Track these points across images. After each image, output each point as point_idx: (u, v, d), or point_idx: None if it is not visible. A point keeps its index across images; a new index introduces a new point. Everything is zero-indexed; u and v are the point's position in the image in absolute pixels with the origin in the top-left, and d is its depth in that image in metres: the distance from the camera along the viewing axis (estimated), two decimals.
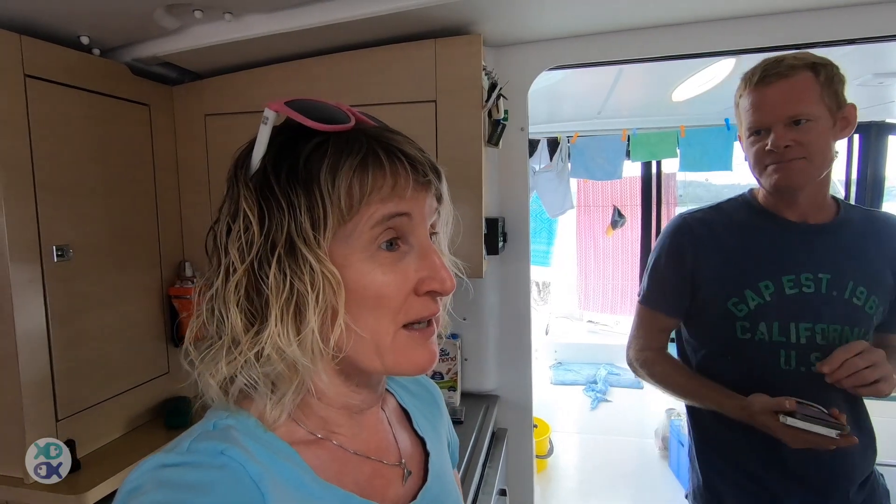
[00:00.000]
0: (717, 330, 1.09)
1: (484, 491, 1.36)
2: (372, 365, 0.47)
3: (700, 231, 1.13)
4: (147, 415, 1.47)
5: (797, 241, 1.05)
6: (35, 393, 1.15)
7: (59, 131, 1.20)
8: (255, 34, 1.29)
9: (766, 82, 0.97)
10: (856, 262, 1.03)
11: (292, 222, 0.43)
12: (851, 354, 0.89)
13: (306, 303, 0.43)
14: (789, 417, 0.88)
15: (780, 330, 1.02)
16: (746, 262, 1.06)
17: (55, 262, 1.18)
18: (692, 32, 1.44)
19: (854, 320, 1.01)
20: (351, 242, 0.45)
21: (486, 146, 1.43)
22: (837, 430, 0.85)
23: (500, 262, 1.71)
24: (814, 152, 0.97)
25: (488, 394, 1.77)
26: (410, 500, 0.54)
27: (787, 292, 1.02)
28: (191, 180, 1.54)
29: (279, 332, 0.43)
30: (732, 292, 1.05)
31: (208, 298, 0.46)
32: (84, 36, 1.26)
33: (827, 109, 0.97)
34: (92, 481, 1.17)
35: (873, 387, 0.88)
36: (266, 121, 0.46)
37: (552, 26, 1.48)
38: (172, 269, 1.54)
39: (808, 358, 1.01)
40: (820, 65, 0.97)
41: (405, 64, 1.37)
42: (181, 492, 0.38)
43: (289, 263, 0.43)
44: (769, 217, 1.09)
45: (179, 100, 1.53)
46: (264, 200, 0.44)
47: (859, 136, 3.26)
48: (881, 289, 1.03)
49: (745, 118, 1.03)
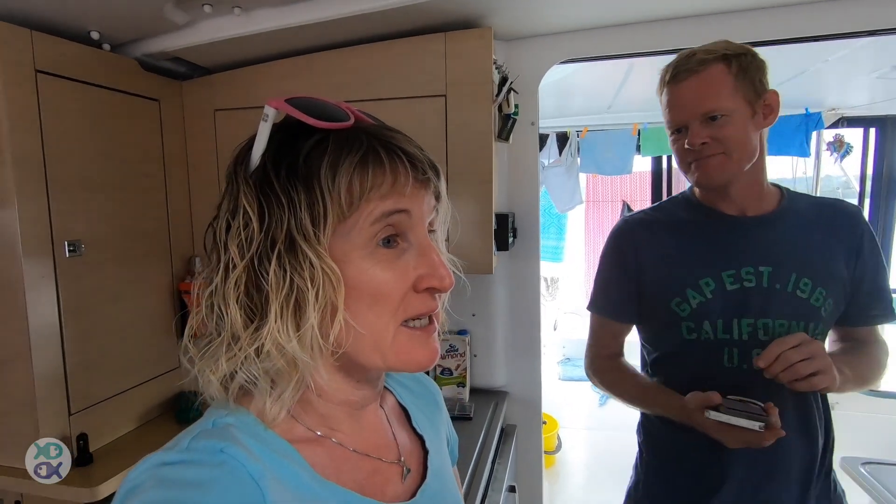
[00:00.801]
0: (664, 332, 1.07)
1: (493, 487, 1.35)
2: (372, 361, 0.47)
3: (641, 233, 1.10)
4: (158, 409, 1.48)
5: (736, 234, 1.02)
6: (48, 387, 1.16)
7: (70, 126, 1.20)
8: (265, 28, 1.29)
9: (678, 79, 0.95)
10: (799, 253, 0.98)
11: (292, 219, 0.43)
12: (787, 347, 0.84)
13: (306, 299, 0.43)
14: (713, 411, 0.84)
15: (724, 327, 0.99)
16: (687, 260, 1.03)
17: (67, 257, 1.19)
18: (705, 25, 1.41)
19: (800, 314, 0.97)
20: (350, 239, 0.45)
21: (496, 141, 1.42)
22: (761, 423, 0.81)
23: (510, 258, 1.70)
24: (732, 147, 0.94)
25: (497, 390, 1.76)
26: (409, 497, 0.54)
27: (728, 288, 0.99)
28: (200, 175, 1.55)
29: (279, 328, 0.43)
30: (675, 292, 1.02)
31: (207, 295, 0.46)
32: (94, 31, 1.26)
33: (744, 100, 0.93)
34: (104, 474, 1.18)
35: (808, 381, 0.83)
36: (266, 118, 0.46)
37: (563, 19, 1.47)
38: (183, 263, 1.54)
39: (750, 355, 0.97)
40: (732, 56, 0.93)
41: (415, 58, 1.36)
42: (181, 490, 0.38)
43: (289, 260, 0.43)
44: (707, 212, 1.05)
45: (189, 95, 1.53)
46: (264, 197, 0.44)
47: (875, 130, 3.20)
48: (831, 280, 0.98)
49: (664, 116, 1.00)
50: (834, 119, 2.98)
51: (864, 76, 2.30)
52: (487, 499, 1.30)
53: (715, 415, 0.84)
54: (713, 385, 0.92)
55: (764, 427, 0.81)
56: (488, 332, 1.74)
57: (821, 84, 2.49)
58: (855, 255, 1.00)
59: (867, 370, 0.99)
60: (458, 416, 1.53)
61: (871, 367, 1.00)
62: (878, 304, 1.03)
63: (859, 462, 1.40)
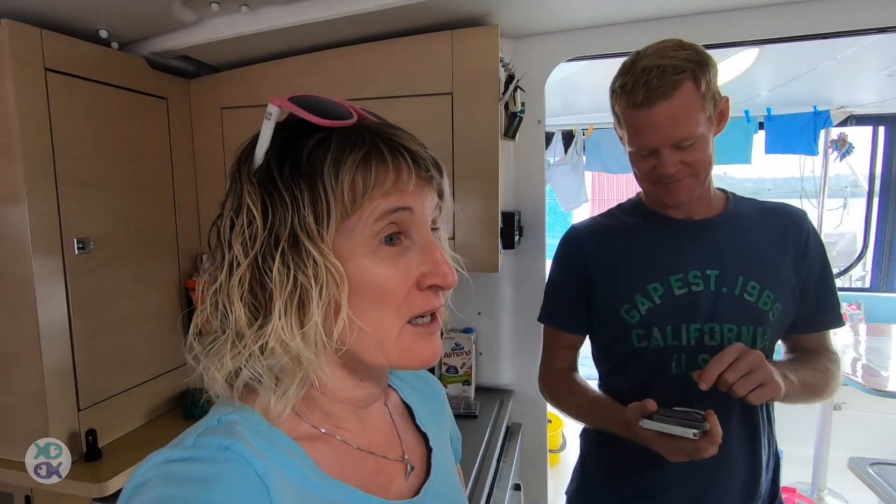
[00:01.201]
0: (615, 341, 1.03)
1: (499, 486, 1.35)
2: (376, 359, 0.47)
3: (589, 239, 1.08)
4: (166, 405, 1.49)
5: (683, 238, 1.00)
6: (57, 383, 1.17)
7: (78, 125, 1.21)
8: (272, 27, 1.29)
9: (650, 103, 0.88)
10: (746, 256, 0.97)
11: (296, 216, 0.43)
12: (725, 366, 0.81)
13: (310, 297, 0.43)
14: (647, 420, 0.81)
15: (674, 333, 0.96)
16: (635, 266, 1.01)
17: (76, 254, 1.20)
18: (714, 22, 1.40)
19: (747, 318, 0.95)
20: (354, 237, 0.45)
21: (502, 139, 1.42)
22: (695, 430, 0.77)
23: (516, 257, 1.69)
24: (700, 168, 0.92)
25: (503, 388, 1.76)
26: (413, 495, 0.54)
27: (676, 293, 0.96)
28: (208, 173, 1.56)
29: (283, 325, 0.43)
30: (624, 299, 0.99)
31: (212, 293, 0.46)
32: (103, 29, 1.26)
33: (707, 118, 0.90)
34: (113, 470, 1.19)
35: (753, 394, 0.81)
36: (269, 116, 0.46)
37: (570, 16, 1.46)
38: (190, 261, 1.55)
39: (696, 361, 0.95)
40: (700, 72, 0.88)
41: (421, 56, 1.36)
42: (187, 486, 0.38)
43: (292, 257, 0.43)
44: (654, 217, 1.03)
45: (196, 93, 1.54)
46: (268, 195, 0.44)
47: (885, 129, 3.18)
48: (779, 284, 0.96)
49: (628, 137, 0.95)
50: (843, 117, 2.96)
51: (872, 74, 2.28)
52: (493, 497, 1.30)
53: (649, 423, 0.80)
54: (662, 393, 0.90)
55: (699, 435, 0.77)
56: (494, 330, 1.74)
57: (830, 82, 2.47)
58: (801, 259, 0.98)
59: (816, 380, 0.95)
60: (464, 414, 1.53)
61: (820, 376, 0.96)
62: (825, 309, 1.01)
63: (867, 462, 1.39)
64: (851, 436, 2.88)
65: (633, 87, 0.89)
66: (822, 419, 2.60)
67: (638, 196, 1.10)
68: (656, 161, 0.92)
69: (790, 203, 1.09)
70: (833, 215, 3.22)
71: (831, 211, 3.19)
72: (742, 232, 0.99)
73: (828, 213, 3.15)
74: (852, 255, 3.56)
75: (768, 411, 1.03)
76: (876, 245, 3.29)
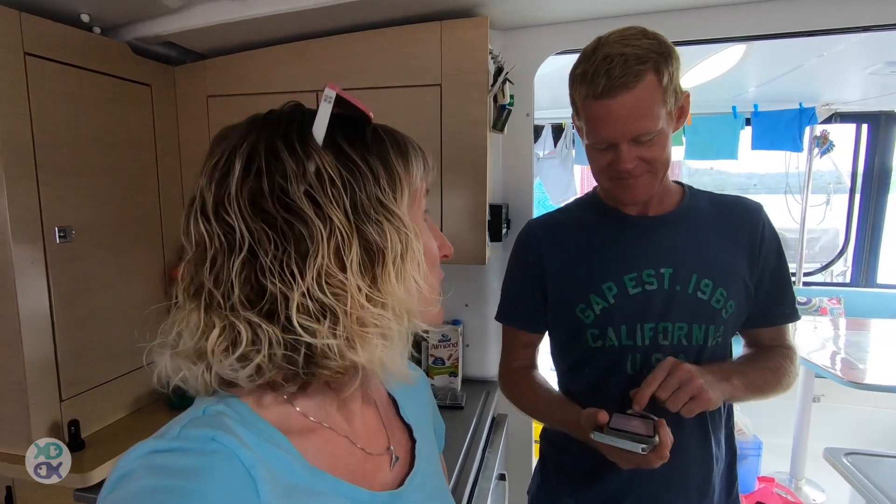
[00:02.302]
0: (571, 341, 1.02)
1: (484, 476, 1.37)
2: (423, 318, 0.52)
3: (544, 236, 1.05)
4: (150, 396, 1.48)
5: (637, 235, 0.98)
6: (39, 373, 1.16)
7: (59, 111, 1.19)
8: (260, 14, 1.27)
9: (610, 94, 0.84)
10: (700, 254, 0.95)
11: (376, 187, 0.47)
12: (655, 387, 0.82)
13: (406, 256, 0.48)
14: (597, 432, 0.81)
15: (628, 333, 0.95)
16: (589, 264, 0.99)
17: (57, 243, 1.18)
18: (702, 17, 1.41)
19: (699, 316, 0.94)
20: (413, 210, 0.52)
21: (491, 132, 1.41)
22: (644, 445, 0.77)
23: (504, 249, 1.70)
24: (658, 165, 0.90)
25: (489, 379, 1.77)
26: (398, 485, 0.55)
27: (630, 292, 0.95)
28: (193, 162, 1.53)
29: (395, 284, 0.47)
30: (579, 298, 0.97)
31: (317, 273, 0.43)
32: (85, 14, 1.24)
33: (668, 113, 0.87)
34: (96, 460, 1.18)
35: (685, 408, 0.81)
36: (329, 99, 0.47)
37: (560, 9, 1.46)
38: (175, 251, 1.53)
39: (650, 360, 0.94)
40: (663, 63, 0.84)
41: (410, 46, 1.35)
42: (173, 477, 0.38)
43: (389, 221, 0.47)
44: (610, 213, 1.01)
45: (181, 80, 1.52)
46: (346, 168, 0.46)
47: (868, 127, 3.22)
48: (732, 280, 0.95)
49: (587, 127, 0.92)
50: (827, 114, 3.00)
51: (857, 72, 2.31)
52: (477, 487, 1.31)
53: (599, 436, 0.80)
54: (618, 393, 0.90)
55: (648, 449, 0.77)
56: (481, 322, 1.75)
57: (816, 79, 2.50)
58: (756, 254, 0.97)
59: (765, 379, 0.95)
60: (450, 405, 1.54)
61: (770, 374, 0.96)
62: (780, 304, 1.01)
63: (842, 453, 1.43)
64: (829, 427, 2.95)
65: (593, 76, 0.85)
66: (800, 411, 2.66)
67: (595, 190, 1.07)
68: (614, 155, 0.89)
69: (766, 199, 1.09)
70: (816, 211, 3.27)
71: (814, 207, 3.24)
72: (697, 228, 0.98)
73: (811, 209, 3.20)
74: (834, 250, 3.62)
75: (729, 410, 1.03)
76: (857, 241, 3.35)
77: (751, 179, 4.37)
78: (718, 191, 1.07)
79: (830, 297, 3.27)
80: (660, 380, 0.83)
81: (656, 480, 0.95)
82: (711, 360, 0.95)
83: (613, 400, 0.90)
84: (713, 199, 1.03)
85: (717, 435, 1.00)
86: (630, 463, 0.81)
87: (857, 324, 2.98)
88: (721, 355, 0.98)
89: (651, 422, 0.82)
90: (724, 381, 0.87)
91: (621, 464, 0.83)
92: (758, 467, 2.67)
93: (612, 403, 0.87)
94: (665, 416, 0.83)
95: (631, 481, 0.97)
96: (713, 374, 0.86)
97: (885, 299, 3.30)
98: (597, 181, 1.01)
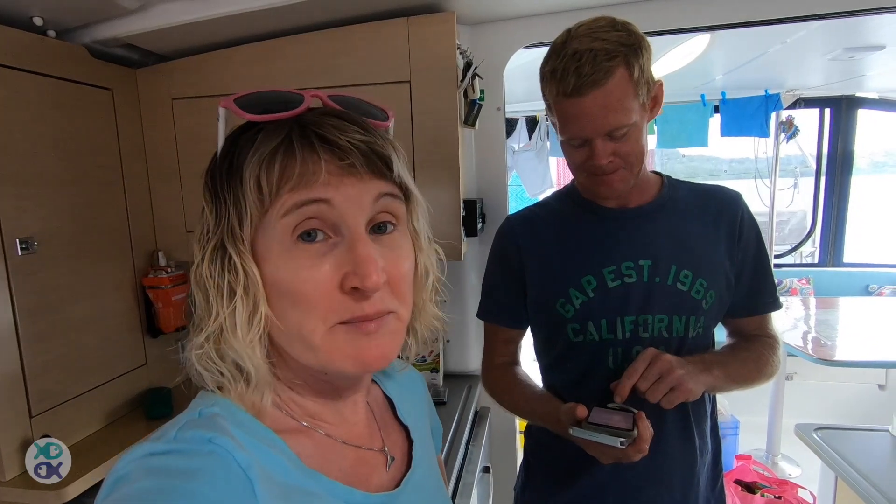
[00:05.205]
0: (552, 335, 1.02)
1: (468, 469, 1.38)
2: (307, 361, 0.46)
3: (522, 230, 1.04)
4: (126, 407, 1.45)
5: (615, 228, 0.97)
6: (5, 390, 1.12)
7: (15, 118, 1.15)
8: (222, 13, 1.24)
9: (580, 92, 0.83)
10: (679, 245, 0.95)
11: (225, 217, 0.45)
12: (636, 379, 0.83)
13: (234, 295, 0.44)
14: (576, 427, 0.80)
15: (609, 327, 0.94)
16: (568, 258, 0.98)
17: (20, 255, 1.14)
18: (666, 8, 1.43)
19: (680, 308, 0.93)
20: (268, 235, 0.43)
21: (462, 127, 1.41)
22: (622, 440, 0.76)
23: (480, 244, 1.71)
24: (633, 160, 0.89)
25: (471, 374, 1.78)
26: (394, 487, 0.55)
27: (609, 285, 0.94)
28: (160, 167, 1.50)
29: (222, 323, 0.45)
30: (558, 293, 0.96)
31: None
32: (37, 17, 1.19)
33: (640, 105, 0.86)
34: (73, 475, 1.15)
35: (665, 399, 0.82)
36: (219, 118, 0.47)
37: (526, 3, 1.46)
38: (145, 258, 1.50)
39: (631, 353, 0.94)
40: (633, 56, 0.83)
41: (378, 43, 1.34)
42: (170, 479, 0.38)
43: (220, 259, 0.45)
44: (588, 206, 1.00)
45: (144, 83, 1.48)
46: (213, 196, 0.46)
47: (830, 111, 3.32)
48: (711, 271, 0.94)
49: (559, 125, 0.91)
50: (792, 100, 3.08)
51: (818, 58, 2.37)
52: (462, 480, 1.32)
53: (578, 431, 0.80)
54: (599, 387, 0.91)
55: (627, 443, 0.76)
56: (461, 317, 1.75)
57: (779, 65, 2.56)
58: (736, 243, 0.97)
59: (746, 369, 0.96)
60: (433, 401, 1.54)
61: (751, 365, 0.96)
62: (761, 293, 1.00)
63: (812, 428, 1.47)
64: (802, 403, 3.05)
65: (562, 74, 0.84)
66: (774, 389, 2.74)
67: (573, 183, 1.06)
68: (589, 151, 0.89)
69: (736, 184, 1.08)
70: (785, 194, 3.36)
71: (783, 190, 3.32)
72: (675, 219, 0.97)
73: (780, 193, 3.28)
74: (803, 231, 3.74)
75: (714, 401, 1.04)
76: (823, 222, 3.46)
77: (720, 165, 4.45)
78: (690, 178, 1.07)
79: (800, 277, 3.37)
80: (640, 371, 0.84)
81: (639, 474, 0.95)
82: (693, 352, 0.94)
83: (596, 394, 0.90)
84: (692, 188, 1.02)
85: (701, 427, 1.00)
86: (609, 457, 0.81)
87: (825, 302, 3.08)
88: (703, 346, 0.98)
89: (630, 415, 0.82)
90: (706, 372, 0.87)
91: (601, 458, 0.83)
92: (736, 446, 2.74)
93: (595, 398, 0.87)
94: (646, 409, 0.83)
95: (614, 476, 0.97)
96: (694, 364, 0.87)
97: (852, 277, 3.42)
98: (574, 176, 1.01)
